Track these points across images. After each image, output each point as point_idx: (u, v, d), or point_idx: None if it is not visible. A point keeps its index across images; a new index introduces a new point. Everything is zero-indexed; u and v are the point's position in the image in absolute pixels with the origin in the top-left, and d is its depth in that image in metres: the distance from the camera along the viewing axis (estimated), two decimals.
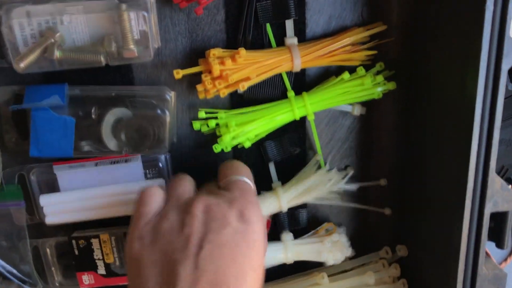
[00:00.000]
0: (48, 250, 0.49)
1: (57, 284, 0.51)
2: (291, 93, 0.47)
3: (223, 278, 0.36)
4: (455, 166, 0.41)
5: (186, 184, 0.43)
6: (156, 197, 0.41)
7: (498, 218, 0.43)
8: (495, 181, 0.40)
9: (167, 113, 0.44)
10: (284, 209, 0.48)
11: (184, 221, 0.38)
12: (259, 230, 0.39)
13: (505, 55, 0.37)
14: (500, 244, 0.44)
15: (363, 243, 0.53)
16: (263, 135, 0.48)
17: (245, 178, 0.43)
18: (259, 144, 0.50)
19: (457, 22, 0.40)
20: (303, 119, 0.49)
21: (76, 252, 0.48)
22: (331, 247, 0.50)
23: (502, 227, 0.43)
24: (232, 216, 0.38)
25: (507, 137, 0.57)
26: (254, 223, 0.39)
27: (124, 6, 0.40)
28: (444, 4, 0.42)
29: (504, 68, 0.37)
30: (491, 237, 0.44)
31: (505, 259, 0.66)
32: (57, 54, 0.40)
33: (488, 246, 0.43)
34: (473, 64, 0.38)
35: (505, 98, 0.56)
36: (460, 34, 0.40)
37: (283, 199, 0.48)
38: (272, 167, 0.51)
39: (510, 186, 0.55)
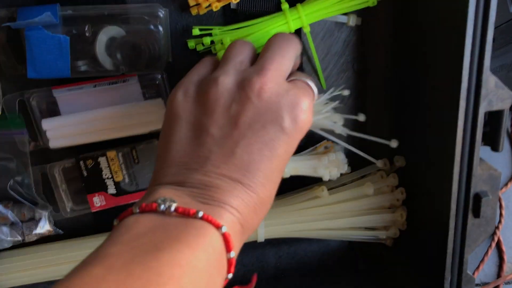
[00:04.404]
0: (56, 175, 0.50)
1: (68, 210, 0.52)
2: (285, 5, 0.46)
3: (253, 171, 0.34)
4: (450, 67, 0.41)
5: (249, 52, 0.40)
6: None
7: (493, 120, 0.43)
8: (489, 80, 0.40)
9: (160, 29, 0.44)
10: None
11: (235, 97, 0.36)
12: (299, 140, 0.37)
13: None
14: (495, 147, 0.45)
15: (362, 157, 0.54)
16: (259, 50, 0.48)
17: (313, 84, 0.40)
18: None
19: None
20: (299, 35, 0.49)
21: (85, 173, 0.49)
22: (327, 164, 0.51)
23: (497, 128, 0.43)
24: (287, 115, 0.36)
25: (508, 62, 0.57)
26: (303, 130, 0.37)
27: None
28: None
29: None
30: (486, 142, 0.45)
31: (506, 184, 0.67)
32: None
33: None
34: None
35: (507, 21, 0.55)
36: None
37: None
38: None
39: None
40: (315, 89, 0.40)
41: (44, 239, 0.52)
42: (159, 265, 0.28)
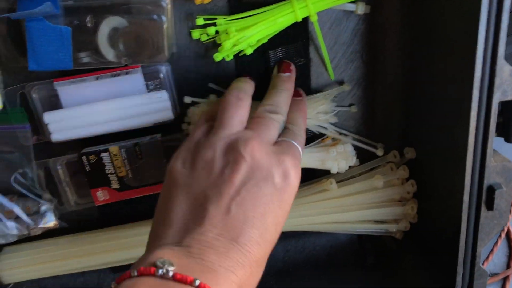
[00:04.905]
0: (60, 169, 0.50)
1: (72, 204, 0.52)
2: None
3: (248, 229, 0.36)
4: (462, 55, 0.40)
5: (242, 113, 0.42)
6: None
7: (507, 110, 0.42)
8: (503, 69, 0.39)
9: (164, 19, 0.43)
10: None
11: (229, 159, 0.38)
12: (294, 192, 0.40)
13: None
14: (509, 138, 0.44)
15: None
16: (265, 40, 0.47)
17: (298, 143, 0.42)
18: (263, 53, 0.49)
19: None
20: (306, 25, 0.48)
21: (88, 169, 0.48)
22: (336, 156, 0.50)
23: (511, 118, 0.42)
24: (277, 172, 0.38)
25: None
26: (293, 186, 0.39)
27: None
28: None
29: None
30: (500, 133, 0.44)
31: None
32: None
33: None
34: None
35: None
36: None
37: None
38: None
39: None
40: (300, 148, 0.42)
41: (49, 233, 0.52)
42: None
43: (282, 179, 0.38)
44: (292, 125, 0.44)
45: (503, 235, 0.63)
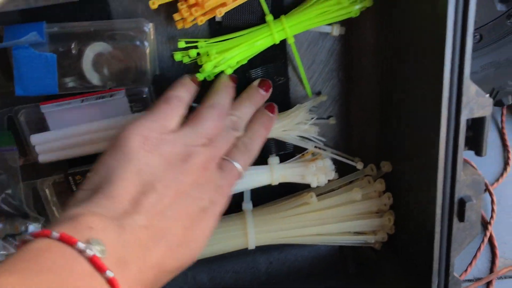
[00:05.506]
0: (47, 190, 0.51)
1: None
2: (269, 17, 0.47)
3: (172, 237, 0.37)
4: (432, 76, 0.42)
5: (219, 124, 0.44)
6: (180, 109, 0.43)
7: (476, 126, 0.44)
8: (470, 88, 0.41)
9: (146, 44, 0.44)
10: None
11: (182, 167, 0.39)
12: (216, 218, 0.41)
13: None
14: (479, 152, 0.46)
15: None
16: (245, 61, 0.49)
17: (252, 149, 0.46)
18: (245, 73, 0.50)
19: None
20: (284, 46, 0.50)
21: (74, 188, 0.49)
22: (315, 171, 0.52)
23: (480, 134, 0.44)
24: (209, 197, 0.40)
25: (497, 59, 0.58)
26: (216, 213, 0.41)
27: None
28: None
29: None
30: (470, 146, 0.46)
31: (497, 180, 0.68)
32: None
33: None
34: None
35: (494, 19, 0.56)
36: None
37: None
38: None
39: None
40: (243, 170, 0.44)
41: None
42: None
43: (210, 204, 0.40)
44: (249, 139, 0.46)
45: (486, 240, 0.65)
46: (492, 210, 0.66)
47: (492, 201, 0.66)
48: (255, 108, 0.49)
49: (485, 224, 0.66)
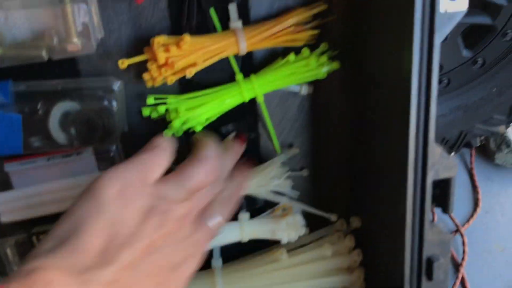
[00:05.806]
0: (8, 250, 0.49)
1: None
2: (239, 76, 0.48)
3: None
4: (398, 139, 0.43)
5: (205, 178, 0.42)
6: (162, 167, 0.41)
7: (443, 185, 0.45)
8: (435, 151, 0.42)
9: (115, 104, 0.44)
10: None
11: (160, 217, 0.37)
12: (191, 275, 0.41)
13: (437, 30, 0.38)
14: (446, 210, 0.47)
15: (319, 216, 0.55)
16: (214, 118, 0.49)
17: (227, 206, 0.45)
18: (216, 129, 0.50)
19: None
20: (254, 103, 0.50)
21: None
22: (286, 227, 0.51)
23: (447, 193, 0.45)
24: (180, 260, 0.39)
25: (464, 102, 0.59)
26: (186, 275, 0.40)
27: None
28: None
29: (437, 43, 0.39)
30: (438, 204, 0.47)
31: (468, 221, 0.69)
32: None
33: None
34: (408, 39, 0.39)
35: (461, 64, 0.58)
36: (396, 10, 0.41)
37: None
38: None
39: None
40: (220, 223, 0.43)
41: None
42: None
43: (185, 260, 0.39)
44: (228, 193, 0.45)
45: (458, 282, 0.65)
46: (464, 251, 0.66)
47: (463, 243, 0.66)
48: (234, 162, 0.48)
49: (456, 266, 0.66)
